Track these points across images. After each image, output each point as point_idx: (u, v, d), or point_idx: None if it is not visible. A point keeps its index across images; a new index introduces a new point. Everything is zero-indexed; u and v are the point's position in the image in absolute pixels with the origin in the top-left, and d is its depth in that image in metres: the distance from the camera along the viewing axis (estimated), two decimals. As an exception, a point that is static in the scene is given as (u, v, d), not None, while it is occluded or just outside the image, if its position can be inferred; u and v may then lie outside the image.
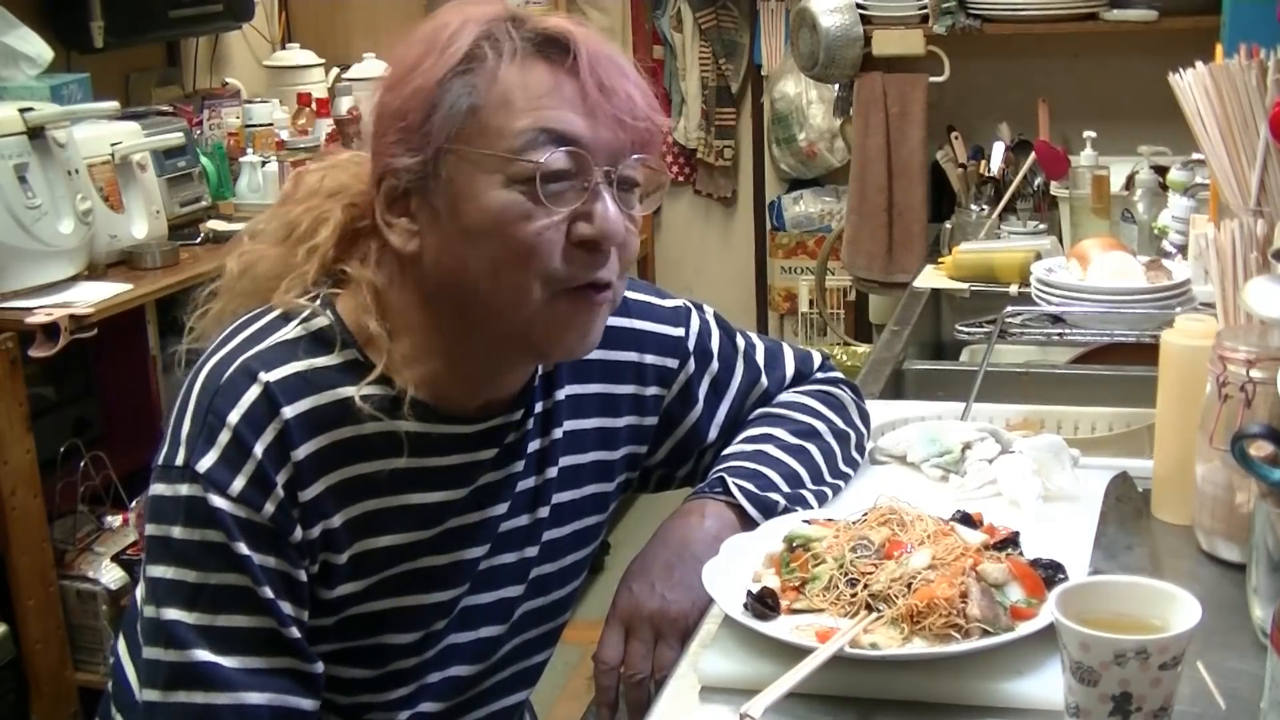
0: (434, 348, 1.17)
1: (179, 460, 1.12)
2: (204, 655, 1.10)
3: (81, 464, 2.36)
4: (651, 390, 1.36)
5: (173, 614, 1.11)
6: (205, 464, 1.11)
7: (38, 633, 2.23)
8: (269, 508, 1.11)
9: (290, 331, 1.16)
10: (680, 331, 1.38)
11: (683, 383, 1.38)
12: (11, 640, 2.20)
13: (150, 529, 1.14)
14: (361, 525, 1.17)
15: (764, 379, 1.44)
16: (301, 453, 1.13)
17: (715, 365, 1.41)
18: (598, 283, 1.13)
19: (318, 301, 1.18)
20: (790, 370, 1.47)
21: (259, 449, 1.11)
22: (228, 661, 1.10)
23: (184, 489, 1.11)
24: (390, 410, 1.15)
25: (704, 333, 1.40)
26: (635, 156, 1.14)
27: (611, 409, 1.34)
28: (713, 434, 1.41)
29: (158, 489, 1.13)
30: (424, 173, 1.11)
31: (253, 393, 1.12)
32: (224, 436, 1.11)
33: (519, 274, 1.10)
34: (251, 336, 1.16)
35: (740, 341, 1.45)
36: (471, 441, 1.21)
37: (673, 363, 1.37)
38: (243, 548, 1.10)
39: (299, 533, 1.13)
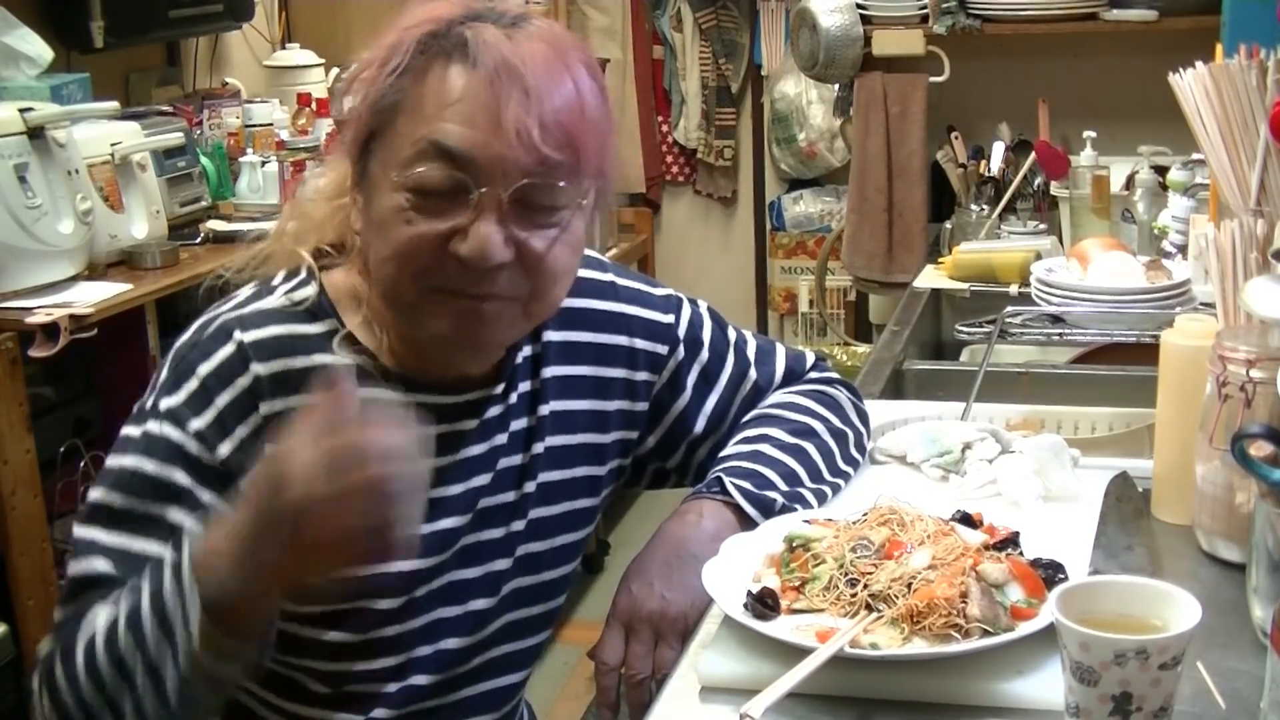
0: (386, 319, 1.22)
1: (146, 405, 1.19)
2: (104, 567, 1.14)
3: (81, 464, 2.36)
4: (642, 375, 1.38)
5: (90, 532, 1.16)
6: (168, 403, 1.17)
7: (38, 633, 2.22)
8: (223, 450, 1.16)
9: (275, 300, 1.21)
10: (670, 319, 1.40)
11: (672, 369, 1.40)
12: (11, 640, 2.20)
13: (107, 461, 1.19)
14: None
15: (753, 371, 1.45)
16: (269, 407, 1.17)
17: (705, 354, 1.42)
18: (475, 294, 1.15)
19: (305, 269, 1.23)
20: (781, 367, 1.48)
21: (221, 400, 1.16)
22: (129, 565, 1.13)
23: (142, 427, 1.17)
24: (362, 378, 1.17)
25: (695, 322, 1.42)
26: (529, 181, 1.12)
27: (603, 391, 1.35)
28: (700, 424, 1.42)
29: (122, 431, 1.19)
30: (360, 168, 1.18)
31: (226, 350, 1.18)
32: (191, 384, 1.17)
33: (396, 271, 1.15)
34: (239, 302, 1.22)
35: (732, 334, 1.46)
36: (451, 412, 1.24)
37: (662, 349, 1.39)
38: (182, 477, 1.15)
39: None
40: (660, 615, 1.24)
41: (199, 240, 2.66)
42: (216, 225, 2.73)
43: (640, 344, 1.37)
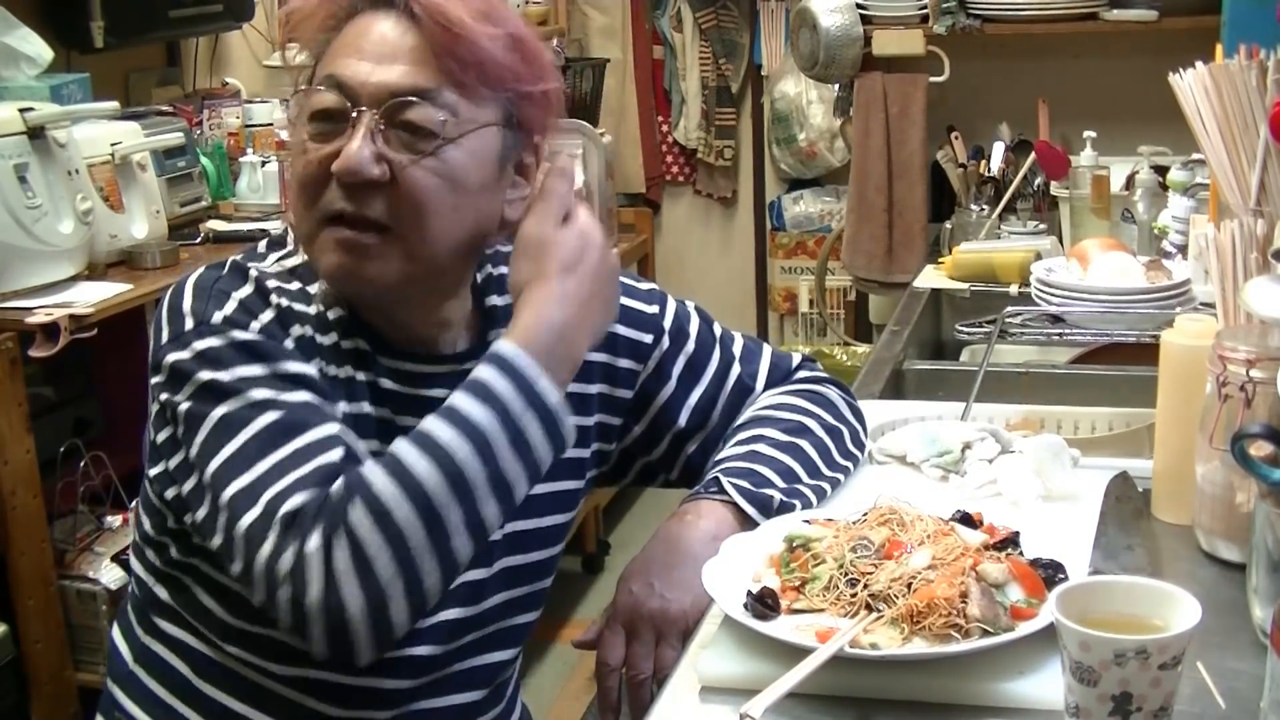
0: None
1: (188, 326, 1.18)
2: (280, 415, 1.13)
3: (81, 464, 2.36)
4: (624, 362, 1.39)
5: (238, 413, 1.13)
6: (219, 315, 1.18)
7: (38, 633, 2.22)
8: (289, 342, 1.19)
9: (269, 265, 1.25)
10: (654, 309, 1.42)
11: (658, 359, 1.42)
12: (11, 640, 2.20)
13: (175, 396, 1.17)
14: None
15: (738, 366, 1.46)
16: (295, 331, 1.21)
17: (691, 346, 1.44)
18: (335, 214, 1.19)
19: (289, 241, 1.28)
20: (765, 365, 1.49)
21: (265, 315, 1.19)
22: (308, 418, 1.14)
23: (202, 343, 1.16)
24: (348, 330, 1.24)
25: (681, 315, 1.45)
26: (397, 100, 1.17)
27: (584, 375, 1.34)
28: (684, 417, 1.43)
29: (173, 358, 1.17)
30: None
31: (249, 285, 1.21)
32: (231, 304, 1.19)
33: (297, 202, 1.22)
34: (237, 255, 1.27)
35: (718, 330, 1.48)
36: (430, 380, 1.26)
37: (647, 338, 1.41)
38: (283, 364, 1.16)
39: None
40: (661, 615, 1.24)
41: (199, 240, 2.66)
42: (216, 225, 2.73)
43: (621, 330, 1.39)
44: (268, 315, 1.20)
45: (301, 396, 1.15)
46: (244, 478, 1.11)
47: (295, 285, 1.24)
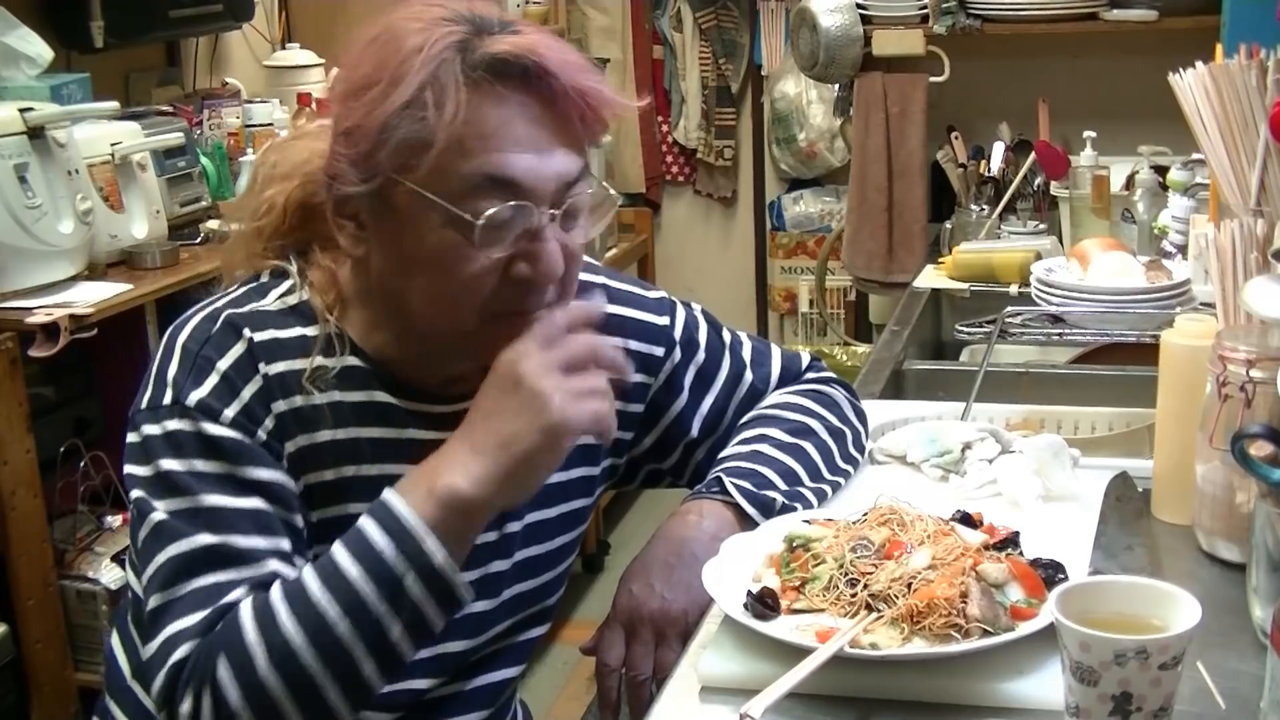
0: (388, 326, 1.21)
1: (166, 399, 1.15)
2: (209, 539, 1.11)
3: (81, 464, 2.36)
4: (636, 376, 1.37)
5: (166, 518, 1.12)
6: (195, 397, 1.14)
7: (38, 633, 2.22)
8: (261, 434, 1.15)
9: (270, 303, 1.21)
10: (665, 321, 1.40)
11: (669, 371, 1.40)
12: (11, 640, 2.20)
13: (136, 469, 1.15)
14: (332, 492, 1.20)
15: (749, 373, 1.45)
16: (279, 407, 1.17)
17: (701, 356, 1.42)
18: (531, 310, 1.15)
19: (294, 275, 1.22)
20: (776, 368, 1.48)
21: (247, 393, 1.16)
22: (236, 539, 1.11)
23: (173, 424, 1.14)
24: (363, 382, 1.20)
25: (690, 324, 1.42)
26: (585, 189, 1.15)
27: None
28: (696, 426, 1.42)
29: (144, 430, 1.16)
30: (372, 198, 1.14)
31: (240, 346, 1.17)
32: (213, 378, 1.16)
33: (454, 306, 1.15)
34: (233, 300, 1.22)
35: (727, 336, 1.46)
36: (450, 419, 1.22)
37: (658, 351, 1.39)
38: (244, 469, 1.13)
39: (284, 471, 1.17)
40: (661, 615, 1.24)
41: (199, 240, 2.66)
42: (216, 225, 2.72)
43: (634, 345, 1.37)
44: (250, 390, 1.16)
45: (250, 504, 1.13)
46: (159, 596, 1.11)
47: (295, 331, 1.20)
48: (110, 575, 2.33)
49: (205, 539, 1.11)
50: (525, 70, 1.11)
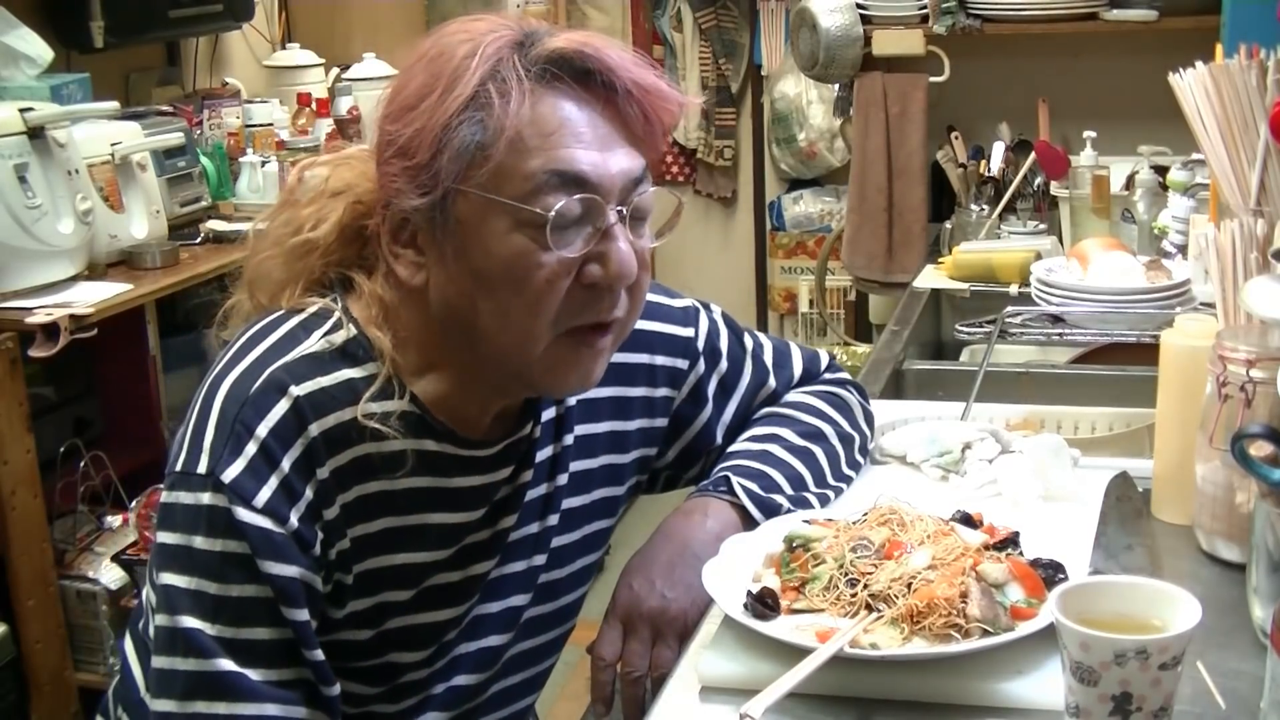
0: (442, 363, 1.16)
1: (201, 468, 1.09)
2: (227, 665, 1.07)
3: (81, 464, 2.36)
4: (662, 391, 1.36)
5: (192, 623, 1.07)
6: (231, 473, 1.08)
7: (38, 633, 2.22)
8: (293, 520, 1.09)
9: (315, 344, 1.13)
10: (690, 332, 1.37)
11: (693, 384, 1.38)
12: (11, 640, 2.20)
13: (166, 536, 1.10)
14: (377, 543, 1.16)
15: (772, 380, 1.44)
16: (326, 470, 1.11)
17: (724, 364, 1.40)
18: (603, 323, 1.12)
19: (338, 310, 1.15)
20: (798, 370, 1.47)
21: (286, 463, 1.09)
22: (252, 673, 1.07)
23: (206, 498, 1.08)
24: (413, 429, 1.14)
25: (713, 333, 1.40)
26: (648, 188, 1.12)
27: (624, 412, 1.33)
28: (720, 435, 1.41)
29: (177, 496, 1.10)
30: (432, 212, 1.09)
31: (282, 406, 1.10)
32: (251, 448, 1.08)
33: (528, 319, 1.09)
34: (275, 346, 1.13)
35: (748, 341, 1.44)
36: (489, 462, 1.21)
37: (683, 364, 1.37)
38: (267, 563, 1.08)
39: (319, 548, 1.12)
40: (660, 614, 1.23)
41: (199, 240, 2.66)
42: (216, 225, 2.72)
43: (661, 360, 1.35)
44: (290, 459, 1.09)
45: (267, 592, 1.08)
46: (168, 703, 1.08)
47: (341, 375, 1.12)
48: (110, 575, 2.34)
49: (222, 667, 1.07)
50: (585, 65, 1.09)
